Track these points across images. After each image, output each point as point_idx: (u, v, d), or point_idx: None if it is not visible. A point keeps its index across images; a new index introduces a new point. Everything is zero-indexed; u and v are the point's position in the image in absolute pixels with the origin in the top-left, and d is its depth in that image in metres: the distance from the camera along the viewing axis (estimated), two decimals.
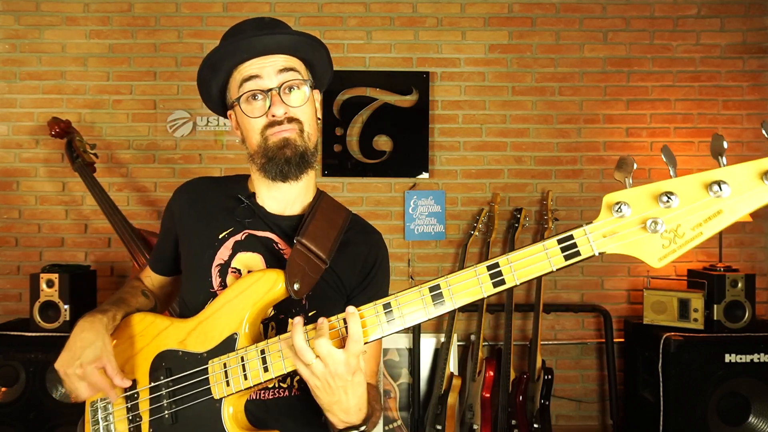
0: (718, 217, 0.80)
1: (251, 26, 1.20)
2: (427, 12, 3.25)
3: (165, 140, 3.23)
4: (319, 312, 1.21)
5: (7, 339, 2.65)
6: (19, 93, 3.20)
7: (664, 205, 0.82)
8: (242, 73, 1.17)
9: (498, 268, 0.91)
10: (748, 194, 0.79)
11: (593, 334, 3.28)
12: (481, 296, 0.92)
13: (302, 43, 1.20)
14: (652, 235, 0.83)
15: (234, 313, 1.09)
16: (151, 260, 1.40)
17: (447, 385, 3.00)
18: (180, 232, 1.27)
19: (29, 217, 3.21)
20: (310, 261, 1.14)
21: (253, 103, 1.17)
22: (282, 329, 1.19)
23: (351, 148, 3.24)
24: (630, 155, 0.87)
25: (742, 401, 2.70)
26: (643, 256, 0.84)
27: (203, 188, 1.30)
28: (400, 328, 0.98)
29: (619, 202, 0.84)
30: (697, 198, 0.81)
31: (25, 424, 2.57)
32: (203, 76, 1.22)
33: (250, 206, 1.23)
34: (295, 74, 1.18)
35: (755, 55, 3.27)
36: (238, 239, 1.21)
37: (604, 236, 0.86)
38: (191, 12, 3.23)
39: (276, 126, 1.15)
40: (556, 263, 0.88)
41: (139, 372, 1.15)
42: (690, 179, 0.82)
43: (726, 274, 2.78)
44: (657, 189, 0.83)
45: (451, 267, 3.24)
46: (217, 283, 1.19)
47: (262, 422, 1.14)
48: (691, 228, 0.82)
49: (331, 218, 1.24)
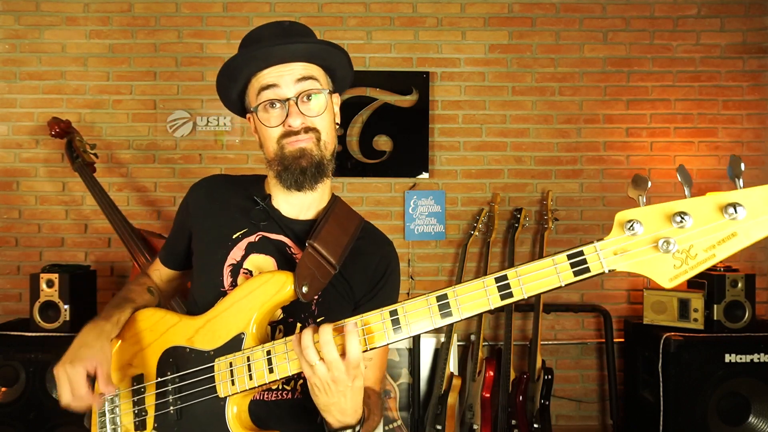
0: (732, 240, 0.79)
1: (270, 32, 1.19)
2: (427, 12, 3.25)
3: (165, 140, 3.23)
4: (328, 318, 1.21)
5: (7, 339, 2.65)
6: (19, 93, 3.20)
7: (678, 225, 0.80)
8: (260, 81, 1.16)
9: (506, 280, 0.91)
10: (765, 218, 0.77)
11: (593, 334, 3.28)
12: (488, 308, 0.92)
13: (320, 50, 1.19)
14: (664, 255, 0.82)
15: (242, 312, 1.09)
16: (162, 253, 1.40)
17: (447, 385, 3.00)
18: (194, 228, 1.28)
19: (29, 217, 3.21)
20: (320, 265, 1.14)
21: (270, 111, 1.16)
22: (290, 332, 1.18)
23: (351, 148, 3.24)
24: (645, 176, 0.86)
25: (742, 401, 2.69)
26: (653, 276, 0.83)
27: (220, 186, 1.30)
28: (405, 336, 0.97)
29: (631, 220, 0.83)
30: (711, 220, 0.80)
31: (25, 424, 2.57)
32: (222, 83, 1.22)
33: (266, 208, 1.23)
34: (313, 83, 1.17)
35: (755, 55, 3.27)
36: (252, 240, 1.21)
37: (614, 254, 0.85)
38: (191, 12, 3.23)
39: (293, 135, 1.15)
40: (565, 279, 0.87)
41: (147, 366, 1.16)
42: (705, 200, 0.80)
43: (726, 274, 2.78)
44: (671, 209, 0.82)
45: (451, 267, 3.24)
46: (228, 282, 1.20)
47: (263, 423, 1.14)
48: (704, 249, 0.81)
49: (343, 225, 1.24)
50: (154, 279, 1.40)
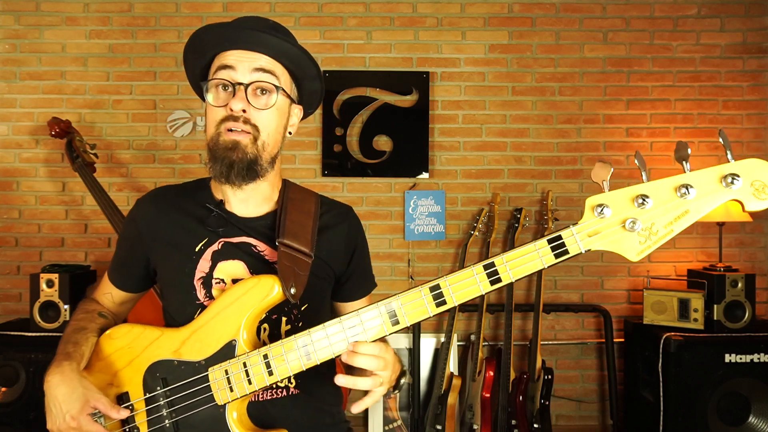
0: (686, 216, 0.93)
1: (252, 23, 1.18)
2: (427, 12, 3.25)
3: (165, 140, 3.23)
4: (311, 305, 1.22)
5: (7, 339, 2.65)
6: (19, 93, 3.20)
7: (640, 206, 0.93)
8: (221, 60, 1.15)
9: (494, 267, 0.98)
10: (710, 196, 0.91)
11: (593, 334, 3.28)
12: (480, 293, 0.99)
13: (291, 51, 1.16)
14: (630, 233, 0.94)
15: (230, 320, 1.08)
16: (114, 275, 1.32)
17: (447, 385, 3.00)
18: (151, 250, 1.24)
19: (29, 217, 3.21)
20: (296, 260, 1.13)
21: (220, 93, 1.14)
22: (275, 329, 1.19)
23: (351, 148, 3.24)
24: (607, 161, 0.97)
25: (742, 401, 2.69)
26: (623, 252, 0.95)
27: (169, 199, 1.25)
28: (402, 327, 1.02)
29: (600, 204, 0.95)
30: (668, 200, 0.93)
31: (25, 424, 2.57)
32: (187, 57, 1.22)
33: (221, 214, 1.20)
34: (270, 77, 1.14)
35: (755, 55, 3.27)
36: (216, 249, 1.19)
37: (589, 236, 0.96)
38: (191, 12, 3.23)
39: (231, 121, 1.11)
40: (547, 261, 0.97)
41: (131, 384, 1.13)
42: (662, 183, 0.93)
43: (726, 274, 2.77)
44: (633, 192, 0.94)
45: (451, 267, 3.24)
46: (202, 295, 1.18)
47: (264, 423, 1.14)
48: (664, 226, 0.93)
49: (303, 208, 1.22)
50: (103, 302, 1.33)
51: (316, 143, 3.25)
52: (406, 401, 3.12)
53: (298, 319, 1.21)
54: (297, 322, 1.20)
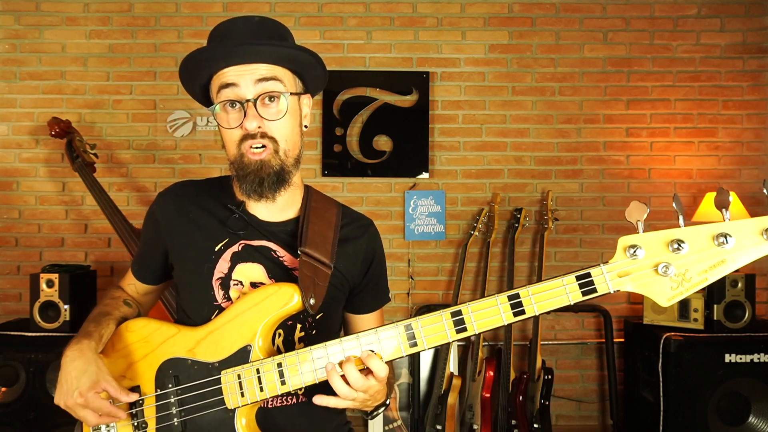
0: (722, 266, 0.89)
1: (238, 30, 1.15)
2: (427, 12, 3.25)
3: (165, 140, 3.23)
4: (326, 314, 1.21)
5: (7, 339, 2.65)
6: (19, 93, 3.20)
7: (675, 251, 0.90)
8: (221, 79, 1.12)
9: (519, 298, 0.97)
10: (751, 248, 0.88)
11: (593, 334, 3.28)
12: (502, 324, 0.98)
13: (285, 53, 1.14)
14: (663, 278, 0.91)
15: (247, 324, 1.08)
16: (135, 268, 1.34)
17: (447, 385, 3.00)
18: (170, 243, 1.23)
19: (29, 217, 3.21)
20: (317, 270, 1.13)
21: (230, 112, 1.12)
22: (289, 335, 1.18)
23: (351, 148, 3.24)
24: (644, 201, 0.94)
25: (742, 401, 2.69)
26: (653, 296, 0.92)
27: (190, 196, 1.24)
28: (419, 350, 1.01)
29: (634, 246, 0.92)
30: (704, 248, 0.90)
31: (25, 424, 2.57)
32: (184, 78, 1.20)
33: (242, 216, 1.19)
34: (275, 84, 1.12)
35: (755, 55, 3.27)
36: (236, 250, 1.18)
37: (619, 276, 0.93)
38: (191, 12, 3.23)
39: (249, 139, 1.10)
40: (574, 298, 0.96)
41: (143, 378, 1.14)
42: (699, 230, 0.90)
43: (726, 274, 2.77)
44: (669, 236, 0.91)
45: (451, 267, 3.24)
46: (220, 296, 1.18)
47: (267, 429, 1.13)
48: (698, 273, 0.90)
49: (325, 217, 1.22)
50: (129, 293, 1.34)
51: (316, 143, 3.25)
52: (406, 401, 3.12)
53: (312, 327, 1.21)
54: (311, 330, 1.21)
